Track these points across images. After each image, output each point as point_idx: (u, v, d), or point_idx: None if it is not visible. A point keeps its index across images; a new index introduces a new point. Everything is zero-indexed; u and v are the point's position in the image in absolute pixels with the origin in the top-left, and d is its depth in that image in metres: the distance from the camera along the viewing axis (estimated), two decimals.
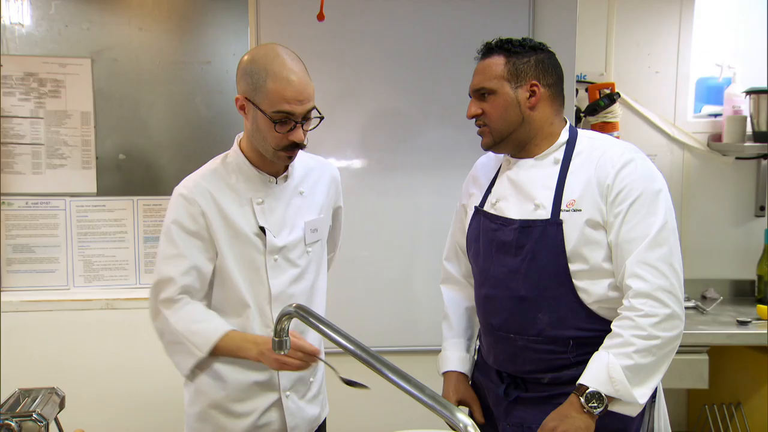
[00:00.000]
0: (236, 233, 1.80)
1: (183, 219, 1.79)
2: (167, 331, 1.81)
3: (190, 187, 1.81)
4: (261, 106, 1.70)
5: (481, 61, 1.79)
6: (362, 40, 2.78)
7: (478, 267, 1.85)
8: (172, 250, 1.79)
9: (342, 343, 1.35)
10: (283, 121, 1.70)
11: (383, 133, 2.83)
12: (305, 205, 1.89)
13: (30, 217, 2.82)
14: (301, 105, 1.70)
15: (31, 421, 1.43)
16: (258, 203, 1.82)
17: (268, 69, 1.69)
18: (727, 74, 3.15)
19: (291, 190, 1.87)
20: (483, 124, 1.78)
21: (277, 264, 1.83)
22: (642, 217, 1.64)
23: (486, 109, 1.76)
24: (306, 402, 1.96)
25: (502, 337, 1.79)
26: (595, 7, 3.08)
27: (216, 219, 1.80)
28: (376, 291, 2.86)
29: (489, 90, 1.74)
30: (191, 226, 1.79)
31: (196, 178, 1.84)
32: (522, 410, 1.78)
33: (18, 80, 2.77)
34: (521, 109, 1.74)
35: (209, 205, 1.79)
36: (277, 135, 1.71)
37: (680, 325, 1.62)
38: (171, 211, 1.81)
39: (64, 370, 2.77)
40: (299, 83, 1.69)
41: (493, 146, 1.80)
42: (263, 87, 1.69)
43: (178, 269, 1.78)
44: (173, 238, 1.79)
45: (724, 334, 2.70)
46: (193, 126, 2.86)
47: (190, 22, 2.85)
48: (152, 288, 1.83)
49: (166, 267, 1.80)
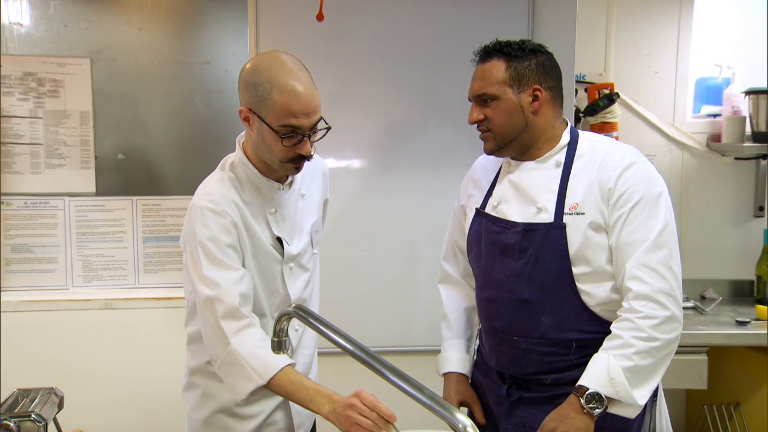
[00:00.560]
0: (256, 244, 1.76)
1: (218, 234, 1.69)
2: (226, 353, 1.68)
3: (216, 200, 1.71)
4: (266, 120, 1.64)
5: (481, 65, 1.76)
6: (361, 40, 2.78)
7: (480, 269, 1.84)
8: (216, 264, 1.68)
9: (341, 343, 1.36)
10: (290, 135, 1.64)
11: (382, 133, 2.83)
12: (307, 207, 1.88)
13: (29, 217, 2.82)
14: (308, 118, 1.64)
15: (29, 422, 1.43)
16: (271, 213, 1.78)
17: (273, 81, 1.62)
18: (727, 74, 3.15)
19: (296, 195, 1.85)
20: (486, 129, 1.76)
21: (293, 272, 1.81)
22: (643, 220, 1.64)
23: (489, 115, 1.74)
24: None
25: (505, 339, 1.78)
26: (594, 7, 3.08)
27: (243, 230, 1.73)
28: (375, 291, 2.86)
29: (491, 96, 1.73)
30: (227, 239, 1.70)
31: (218, 189, 1.74)
32: (524, 410, 1.78)
33: (17, 80, 2.77)
34: (524, 114, 1.73)
35: (237, 215, 1.72)
36: (283, 149, 1.66)
37: (679, 328, 1.63)
38: (201, 227, 1.70)
39: (62, 370, 2.76)
40: (306, 96, 1.62)
41: (496, 151, 1.79)
42: (268, 100, 1.62)
43: (230, 280, 1.68)
44: (214, 254, 1.68)
45: (723, 335, 2.70)
46: (193, 126, 2.85)
47: (190, 22, 2.84)
48: (205, 307, 1.69)
49: (216, 281, 1.67)
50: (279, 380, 1.65)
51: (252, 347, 1.67)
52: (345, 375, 2.76)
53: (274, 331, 1.52)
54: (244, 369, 1.66)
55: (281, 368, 1.65)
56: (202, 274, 1.69)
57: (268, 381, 1.64)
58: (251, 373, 1.65)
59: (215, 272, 1.68)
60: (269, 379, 1.64)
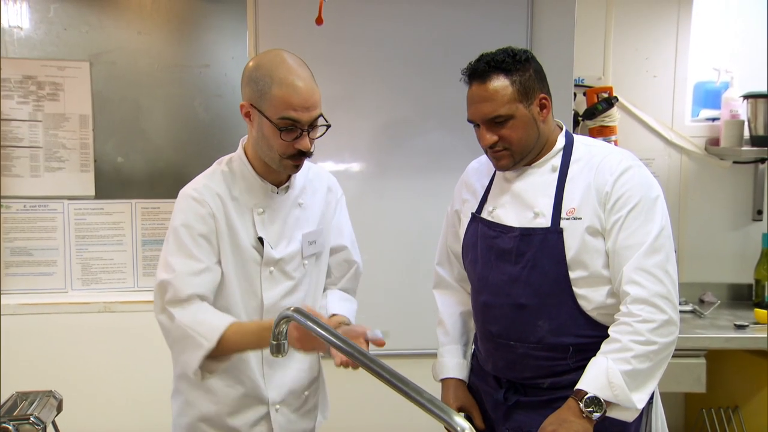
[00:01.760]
0: (236, 241, 1.76)
1: (192, 221, 1.72)
2: (173, 328, 1.70)
3: (200, 189, 1.75)
4: (266, 113, 1.65)
5: (480, 85, 1.71)
6: (360, 43, 2.79)
7: (477, 274, 1.84)
8: (181, 251, 1.71)
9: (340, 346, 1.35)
10: (289, 128, 1.65)
11: (381, 136, 2.84)
12: (304, 217, 1.85)
13: (28, 220, 2.82)
14: (308, 112, 1.65)
15: (28, 425, 1.44)
16: (259, 213, 1.77)
17: (274, 75, 1.64)
18: (725, 78, 3.15)
19: (291, 202, 1.83)
20: (502, 148, 1.73)
21: (272, 276, 1.79)
22: (640, 224, 1.64)
23: (505, 135, 1.70)
24: (299, 416, 1.91)
25: (502, 344, 1.78)
26: (593, 11, 3.08)
27: (222, 224, 1.74)
28: (373, 294, 2.85)
29: (505, 116, 1.69)
30: (201, 228, 1.72)
31: (205, 180, 1.78)
32: (521, 414, 1.78)
33: (16, 83, 2.77)
34: (537, 125, 1.73)
35: (218, 208, 1.74)
36: (282, 143, 1.66)
37: (676, 331, 1.64)
38: (179, 213, 1.74)
39: (61, 374, 2.76)
40: (306, 90, 1.65)
41: (513, 167, 1.77)
42: (268, 93, 1.64)
43: (188, 269, 1.70)
44: (182, 241, 1.72)
45: (721, 338, 2.70)
46: (192, 129, 2.86)
47: (189, 25, 2.85)
48: (157, 288, 1.73)
49: (174, 267, 1.70)
50: (227, 338, 1.65)
51: (195, 313, 1.68)
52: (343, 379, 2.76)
53: (273, 335, 1.51)
54: (191, 338, 1.66)
55: (227, 326, 1.66)
56: (165, 259, 1.73)
57: (216, 342, 1.64)
58: (199, 339, 1.65)
59: (177, 259, 1.71)
60: (217, 340, 1.65)
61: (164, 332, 1.75)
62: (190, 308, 1.70)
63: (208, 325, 1.67)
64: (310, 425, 1.96)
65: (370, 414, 2.90)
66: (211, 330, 1.66)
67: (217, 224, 1.73)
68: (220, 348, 1.66)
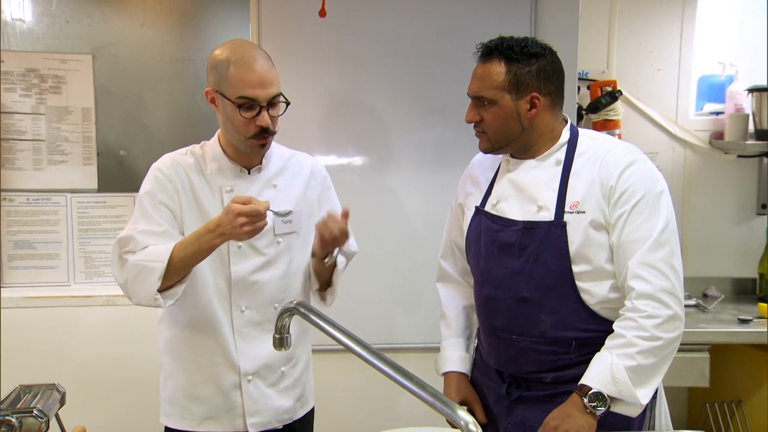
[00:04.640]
0: (204, 218, 1.81)
1: (156, 191, 1.82)
2: (127, 269, 1.76)
3: (167, 163, 1.86)
4: (226, 94, 1.76)
5: (481, 64, 1.74)
6: (363, 36, 2.78)
7: (479, 267, 1.84)
8: (143, 216, 1.81)
9: (343, 340, 1.35)
10: (247, 106, 1.75)
11: (384, 130, 2.83)
12: (278, 198, 1.88)
13: (31, 213, 2.82)
14: (265, 90, 1.75)
15: (31, 418, 1.43)
16: (227, 191, 1.85)
17: (230, 58, 1.76)
18: (729, 72, 3.14)
19: (263, 182, 1.90)
20: (481, 130, 1.76)
21: (241, 251, 1.85)
22: (645, 219, 1.63)
23: (485, 118, 1.73)
24: (276, 391, 1.93)
25: (504, 338, 1.78)
26: (597, 5, 3.07)
27: (188, 199, 1.84)
28: (376, 288, 2.86)
29: (488, 100, 1.71)
30: (163, 198, 1.82)
31: (175, 155, 1.89)
32: (524, 409, 1.78)
33: (19, 76, 2.77)
34: (521, 121, 1.72)
35: (184, 184, 1.84)
36: (243, 120, 1.76)
37: (681, 326, 1.63)
38: (145, 183, 1.85)
39: (64, 367, 2.77)
40: (261, 69, 1.75)
41: (491, 151, 1.80)
42: (226, 75, 1.75)
43: (148, 229, 1.78)
44: (144, 207, 1.82)
45: (725, 333, 2.70)
46: (194, 122, 2.85)
47: (192, 18, 2.84)
48: (116, 243, 1.80)
49: (136, 225, 1.80)
50: (176, 253, 1.72)
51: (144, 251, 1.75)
52: (346, 372, 2.77)
53: (276, 328, 1.51)
54: (144, 267, 1.72)
55: (173, 247, 1.72)
56: (128, 224, 1.83)
57: (167, 260, 1.71)
58: (151, 265, 1.72)
59: (139, 221, 1.81)
60: (168, 258, 1.71)
61: (121, 280, 1.80)
62: (141, 252, 1.77)
63: (157, 251, 1.74)
64: (287, 404, 1.96)
65: (372, 407, 2.90)
66: (160, 253, 1.73)
67: (180, 199, 1.83)
68: (171, 266, 1.71)
